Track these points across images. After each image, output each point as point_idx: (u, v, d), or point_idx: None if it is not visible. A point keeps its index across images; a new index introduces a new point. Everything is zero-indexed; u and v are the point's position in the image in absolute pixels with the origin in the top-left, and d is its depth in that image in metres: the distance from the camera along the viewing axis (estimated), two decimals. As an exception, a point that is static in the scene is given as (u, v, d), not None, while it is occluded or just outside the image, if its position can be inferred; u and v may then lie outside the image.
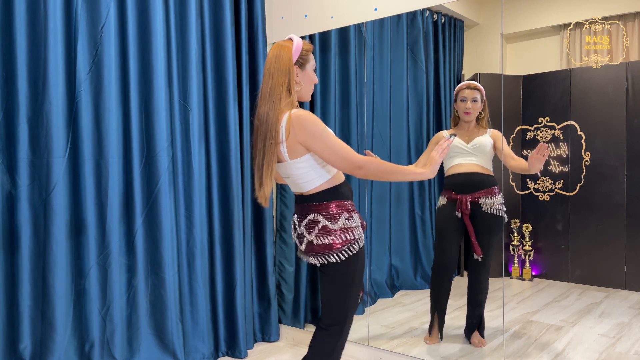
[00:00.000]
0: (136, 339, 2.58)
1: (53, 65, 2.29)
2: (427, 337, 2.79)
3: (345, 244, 1.82)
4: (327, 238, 1.81)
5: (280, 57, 1.81)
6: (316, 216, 1.83)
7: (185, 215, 2.76)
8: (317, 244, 1.83)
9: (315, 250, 1.84)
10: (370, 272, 3.17)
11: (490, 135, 2.65)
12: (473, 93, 2.66)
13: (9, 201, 2.28)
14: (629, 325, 2.66)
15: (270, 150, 1.77)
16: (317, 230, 1.82)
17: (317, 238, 1.82)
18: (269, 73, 1.81)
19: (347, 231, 1.82)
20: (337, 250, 1.81)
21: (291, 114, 1.75)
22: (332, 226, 1.81)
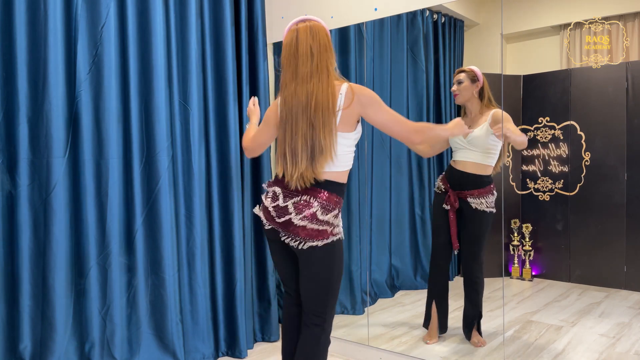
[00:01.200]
0: (136, 339, 2.58)
1: (53, 65, 2.29)
2: (427, 336, 2.79)
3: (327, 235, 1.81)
4: (312, 225, 1.78)
5: (319, 34, 1.80)
6: (311, 199, 1.80)
7: (185, 215, 2.76)
8: (300, 225, 1.78)
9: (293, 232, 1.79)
10: (370, 272, 3.17)
11: (490, 122, 2.57)
12: (458, 76, 2.66)
13: (9, 201, 2.28)
14: (629, 325, 2.66)
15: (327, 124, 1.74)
16: (306, 213, 1.78)
17: (303, 221, 1.78)
18: (307, 53, 1.77)
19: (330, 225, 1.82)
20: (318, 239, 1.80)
21: (351, 85, 1.78)
22: (321, 216, 1.79)
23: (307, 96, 1.76)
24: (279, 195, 1.85)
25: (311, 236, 1.79)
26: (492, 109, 2.60)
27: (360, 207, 3.16)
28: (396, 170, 3.14)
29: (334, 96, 1.76)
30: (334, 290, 1.89)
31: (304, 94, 1.77)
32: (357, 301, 3.23)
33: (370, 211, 3.15)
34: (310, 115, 1.75)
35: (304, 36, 1.80)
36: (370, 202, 3.15)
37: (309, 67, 1.77)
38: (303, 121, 1.77)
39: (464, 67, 2.68)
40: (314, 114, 1.75)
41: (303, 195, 1.80)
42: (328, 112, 1.75)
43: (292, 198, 1.81)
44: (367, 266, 3.13)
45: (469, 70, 2.64)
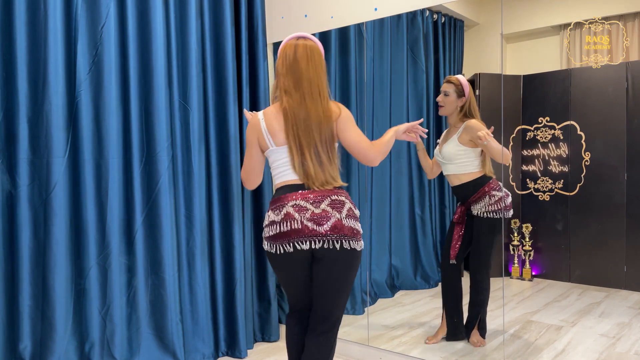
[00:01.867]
0: (136, 339, 2.58)
1: (53, 65, 2.29)
2: (428, 336, 2.79)
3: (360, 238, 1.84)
4: (355, 222, 1.80)
5: (314, 56, 1.89)
6: (340, 197, 1.81)
7: (185, 215, 2.76)
8: (347, 225, 1.77)
9: (344, 232, 1.76)
10: (370, 272, 3.17)
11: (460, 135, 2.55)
12: (446, 86, 2.63)
13: (9, 201, 2.28)
14: (629, 325, 2.66)
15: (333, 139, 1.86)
16: (346, 210, 1.79)
17: (347, 219, 1.78)
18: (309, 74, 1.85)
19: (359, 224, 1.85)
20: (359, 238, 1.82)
21: (338, 104, 1.90)
22: (356, 212, 1.84)
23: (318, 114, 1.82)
24: (307, 206, 1.77)
25: (353, 234, 1.79)
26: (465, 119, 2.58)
27: (360, 207, 3.16)
28: (396, 170, 3.14)
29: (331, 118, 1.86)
30: (348, 293, 1.90)
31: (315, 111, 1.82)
32: (357, 301, 3.23)
33: (370, 211, 3.15)
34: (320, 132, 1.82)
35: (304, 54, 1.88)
36: (370, 202, 3.15)
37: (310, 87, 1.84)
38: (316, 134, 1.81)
39: (452, 78, 2.62)
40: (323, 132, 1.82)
41: (332, 196, 1.79)
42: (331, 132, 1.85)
43: (323, 202, 1.78)
44: (367, 266, 3.13)
45: (458, 84, 2.59)
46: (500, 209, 2.54)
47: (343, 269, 1.81)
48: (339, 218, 1.76)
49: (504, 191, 2.56)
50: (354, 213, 1.82)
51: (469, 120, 2.55)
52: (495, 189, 2.55)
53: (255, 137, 1.90)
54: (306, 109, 1.81)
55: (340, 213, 1.77)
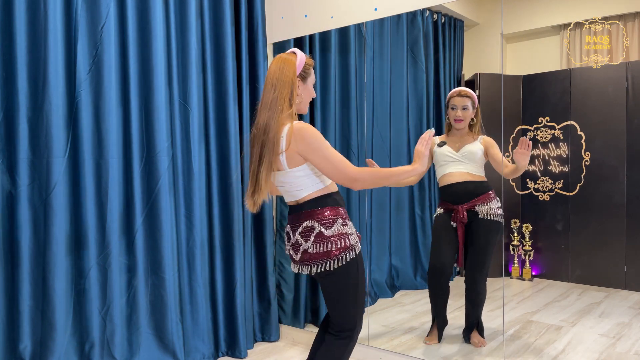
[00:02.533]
0: (136, 339, 2.58)
1: (53, 65, 2.29)
2: (427, 337, 2.79)
3: (343, 251, 1.81)
4: (324, 245, 1.80)
5: (284, 69, 1.83)
6: (311, 222, 1.82)
7: (185, 215, 2.76)
8: (314, 252, 1.82)
9: (312, 258, 1.82)
10: (370, 272, 3.17)
11: (482, 143, 2.63)
12: (463, 101, 2.65)
13: (9, 201, 2.28)
14: (629, 325, 2.66)
15: (269, 160, 1.78)
16: (313, 237, 1.82)
17: (314, 246, 1.81)
18: (271, 84, 1.82)
19: (342, 237, 1.82)
20: (335, 257, 1.80)
21: (293, 125, 1.77)
22: (327, 232, 1.80)
23: (263, 125, 1.80)
24: (290, 234, 1.91)
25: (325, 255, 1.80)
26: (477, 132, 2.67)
27: (360, 207, 3.16)
28: (396, 170, 3.14)
29: (278, 135, 1.78)
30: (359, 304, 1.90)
31: (262, 122, 1.81)
32: (357, 301, 3.23)
33: (370, 211, 3.15)
34: (261, 145, 1.80)
35: (274, 66, 1.85)
36: (370, 202, 3.14)
37: (270, 97, 1.81)
38: (256, 149, 1.83)
39: (465, 91, 2.65)
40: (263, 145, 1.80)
41: (303, 222, 1.84)
42: (274, 149, 1.77)
43: (297, 230, 1.86)
44: (367, 266, 3.13)
45: (472, 96, 2.66)
46: (502, 214, 2.59)
47: (330, 286, 1.87)
48: (305, 249, 1.83)
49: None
50: (324, 234, 1.80)
51: (486, 136, 2.65)
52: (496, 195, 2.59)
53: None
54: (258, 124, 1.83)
55: (307, 242, 1.83)
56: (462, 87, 2.73)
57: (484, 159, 2.63)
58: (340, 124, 3.19)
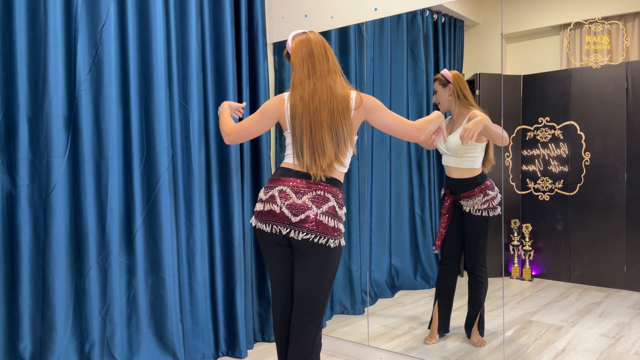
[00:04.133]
0: (136, 339, 2.58)
1: (53, 65, 2.29)
2: (427, 336, 2.79)
3: (341, 235, 1.89)
4: (332, 220, 1.83)
5: (327, 46, 1.94)
6: (326, 194, 1.85)
7: (185, 215, 2.76)
8: (322, 221, 1.81)
9: (318, 227, 1.81)
10: (370, 272, 3.17)
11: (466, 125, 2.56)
12: (434, 86, 2.71)
13: (9, 201, 2.28)
14: (629, 325, 2.67)
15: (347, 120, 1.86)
16: (326, 207, 1.83)
17: (324, 216, 1.82)
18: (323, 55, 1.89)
19: (341, 222, 1.90)
20: (336, 236, 1.85)
21: (359, 92, 1.91)
22: (339, 211, 1.87)
23: (329, 91, 1.86)
24: (290, 194, 1.86)
25: (327, 231, 1.83)
26: (471, 109, 2.59)
27: (360, 207, 3.16)
28: (396, 170, 3.14)
29: (348, 98, 1.88)
30: (329, 290, 1.93)
31: (325, 89, 1.86)
32: (357, 301, 3.24)
33: (370, 211, 3.15)
34: (332, 109, 1.84)
35: (315, 40, 1.92)
36: (370, 202, 3.15)
37: (326, 66, 1.89)
38: (326, 114, 1.84)
39: (435, 75, 2.71)
40: (335, 108, 1.85)
41: (317, 190, 1.84)
42: (347, 109, 1.87)
43: (306, 194, 1.84)
44: (367, 266, 3.13)
45: (440, 77, 2.68)
46: (490, 208, 2.57)
47: (317, 261, 1.86)
48: (316, 213, 1.82)
49: (496, 190, 2.59)
50: (336, 212, 1.85)
51: (473, 111, 2.56)
52: (489, 188, 2.57)
53: (275, 112, 1.98)
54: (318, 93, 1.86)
55: (319, 208, 1.83)
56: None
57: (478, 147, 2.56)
58: (340, 124, 3.18)
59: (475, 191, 2.57)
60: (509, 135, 2.97)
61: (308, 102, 1.85)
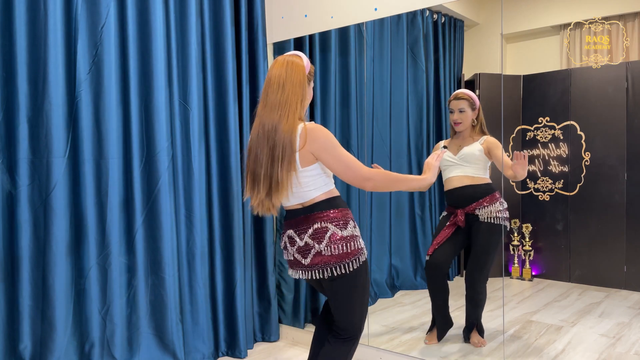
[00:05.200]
0: (136, 339, 2.58)
1: (53, 65, 2.29)
2: (427, 336, 2.79)
3: (357, 253, 1.81)
4: (339, 247, 1.77)
5: (293, 71, 1.83)
6: (323, 224, 1.79)
7: (185, 215, 2.76)
8: (329, 254, 1.78)
9: (326, 260, 1.78)
10: (370, 272, 3.17)
11: (482, 143, 2.61)
12: (459, 104, 2.65)
13: (9, 201, 2.28)
14: (629, 325, 2.66)
15: (288, 159, 1.76)
16: (327, 239, 1.78)
17: (327, 248, 1.77)
18: (277, 84, 1.81)
19: (355, 240, 1.82)
20: (350, 259, 1.79)
21: (306, 126, 1.78)
22: (342, 232, 1.79)
23: (272, 126, 1.78)
24: (295, 238, 1.85)
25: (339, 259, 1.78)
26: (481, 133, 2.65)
27: (360, 207, 3.16)
28: (396, 169, 3.14)
29: (293, 134, 1.76)
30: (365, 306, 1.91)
31: (270, 123, 1.79)
32: (357, 301, 3.23)
33: (370, 211, 3.15)
34: (272, 147, 1.77)
35: (278, 68, 1.83)
36: (370, 202, 3.15)
37: (278, 98, 1.80)
38: (265, 152, 1.79)
39: (461, 94, 2.65)
40: (275, 147, 1.76)
41: (313, 224, 1.80)
42: (288, 150, 1.75)
43: (306, 232, 1.81)
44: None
45: (469, 98, 2.64)
46: (506, 217, 2.59)
47: (341, 291, 1.83)
48: (319, 251, 1.78)
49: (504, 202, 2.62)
50: (339, 235, 1.79)
51: (491, 137, 2.61)
52: (501, 198, 2.58)
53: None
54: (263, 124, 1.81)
55: (321, 244, 1.78)
56: (460, 89, 2.72)
57: (488, 160, 2.61)
58: (340, 124, 3.19)
59: (492, 197, 2.58)
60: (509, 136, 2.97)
61: (256, 136, 1.82)
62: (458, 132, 2.69)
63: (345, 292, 1.83)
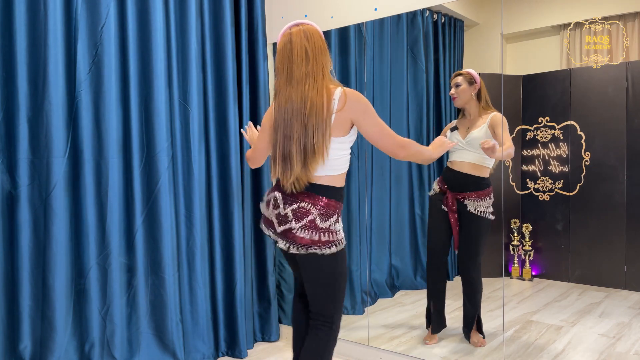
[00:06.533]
0: (136, 339, 2.58)
1: (53, 65, 2.29)
2: (427, 337, 2.79)
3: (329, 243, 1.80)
4: (312, 233, 1.77)
5: (314, 37, 1.78)
6: (309, 207, 1.78)
7: (185, 215, 2.76)
8: (300, 235, 1.77)
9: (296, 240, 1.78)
10: (370, 272, 3.17)
11: (489, 124, 2.57)
12: (456, 80, 2.67)
13: (9, 201, 2.28)
14: (629, 325, 2.66)
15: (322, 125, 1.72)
16: (305, 221, 1.77)
17: (302, 230, 1.77)
18: (301, 56, 1.75)
19: (331, 232, 1.81)
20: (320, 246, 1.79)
21: (345, 89, 1.76)
22: (321, 224, 1.79)
23: (302, 99, 1.74)
24: (279, 202, 1.83)
25: (313, 243, 1.78)
26: (490, 111, 2.61)
27: (360, 207, 3.16)
28: (396, 169, 3.14)
29: (328, 99, 1.74)
30: (339, 294, 1.88)
31: (299, 96, 1.75)
32: (357, 301, 3.23)
33: (370, 211, 3.15)
34: (304, 118, 1.73)
35: (297, 39, 1.77)
36: (370, 202, 3.14)
37: (303, 70, 1.75)
38: (297, 124, 1.75)
39: (460, 71, 2.68)
40: (308, 116, 1.72)
41: (301, 202, 1.79)
42: (322, 114, 1.72)
43: (291, 205, 1.80)
44: (367, 266, 3.13)
45: (466, 73, 2.65)
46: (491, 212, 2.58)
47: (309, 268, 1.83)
48: (292, 227, 1.78)
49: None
50: (316, 224, 1.77)
51: (496, 114, 2.56)
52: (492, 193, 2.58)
53: (269, 123, 1.92)
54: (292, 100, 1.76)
55: (298, 222, 1.78)
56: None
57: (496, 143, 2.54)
58: (340, 124, 3.18)
59: (486, 192, 2.57)
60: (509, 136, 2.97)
61: (283, 112, 1.78)
62: (460, 109, 2.68)
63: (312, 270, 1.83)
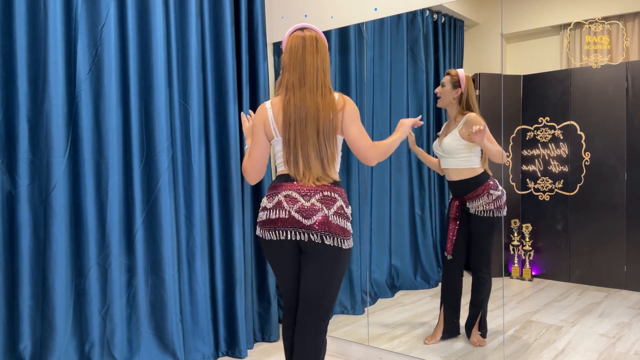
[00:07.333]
0: (136, 339, 2.58)
1: (53, 65, 2.29)
2: (427, 336, 2.79)
3: (350, 235, 1.86)
4: (343, 221, 1.82)
5: (323, 48, 1.91)
6: (333, 194, 1.83)
7: (185, 215, 2.76)
8: (334, 222, 1.79)
9: (330, 229, 1.78)
10: (370, 272, 3.17)
11: (460, 129, 2.55)
12: (444, 79, 2.67)
13: (9, 201, 2.28)
14: (629, 325, 2.67)
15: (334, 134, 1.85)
16: (336, 207, 1.81)
17: (335, 217, 1.80)
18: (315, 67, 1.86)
19: (349, 222, 1.87)
20: (347, 237, 1.83)
21: (341, 95, 1.89)
22: (346, 210, 1.85)
23: (316, 108, 1.83)
24: (297, 197, 1.82)
25: (339, 232, 1.80)
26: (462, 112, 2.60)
27: (360, 207, 3.16)
28: (396, 170, 3.14)
29: (334, 109, 1.84)
30: (336, 294, 1.91)
31: (313, 105, 1.83)
32: (357, 301, 3.24)
33: (370, 211, 3.15)
34: (318, 127, 1.82)
35: (311, 48, 1.87)
36: (370, 202, 3.15)
37: (315, 81, 1.85)
38: (312, 130, 1.82)
39: (451, 70, 2.66)
40: (322, 126, 1.82)
41: (323, 192, 1.82)
42: (333, 125, 1.84)
43: (313, 196, 1.81)
44: (367, 266, 3.13)
45: (454, 74, 2.63)
46: (496, 208, 2.55)
47: (328, 263, 1.83)
48: (326, 214, 1.79)
49: (501, 189, 2.56)
50: (344, 212, 1.84)
51: (469, 114, 2.56)
52: (493, 188, 2.55)
53: (262, 124, 1.92)
54: (307, 106, 1.83)
55: (329, 209, 1.80)
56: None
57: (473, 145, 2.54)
58: (340, 124, 3.18)
59: (478, 191, 2.56)
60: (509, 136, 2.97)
61: (299, 112, 1.83)
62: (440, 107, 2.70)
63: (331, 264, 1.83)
